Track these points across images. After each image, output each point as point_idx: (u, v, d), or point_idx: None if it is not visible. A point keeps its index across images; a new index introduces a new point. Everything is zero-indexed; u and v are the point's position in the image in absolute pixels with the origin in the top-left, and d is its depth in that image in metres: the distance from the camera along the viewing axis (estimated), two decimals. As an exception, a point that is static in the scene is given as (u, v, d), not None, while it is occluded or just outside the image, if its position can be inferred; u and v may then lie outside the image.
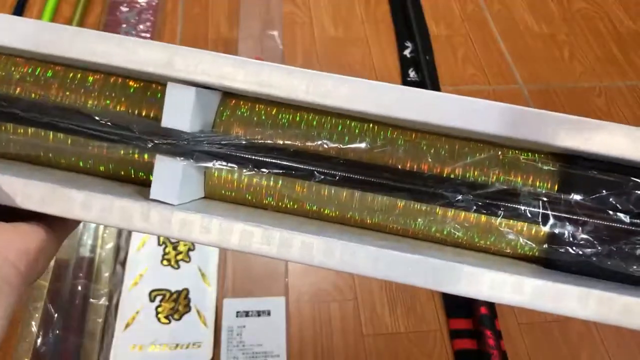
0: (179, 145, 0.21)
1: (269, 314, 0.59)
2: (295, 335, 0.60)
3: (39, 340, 0.55)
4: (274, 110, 0.24)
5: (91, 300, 0.58)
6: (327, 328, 0.61)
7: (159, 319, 0.58)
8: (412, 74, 0.86)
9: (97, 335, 0.56)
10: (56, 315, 0.56)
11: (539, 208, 0.22)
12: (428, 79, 0.84)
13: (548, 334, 0.62)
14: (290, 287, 0.63)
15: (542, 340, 0.62)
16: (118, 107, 0.24)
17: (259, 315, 0.59)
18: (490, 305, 0.62)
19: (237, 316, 0.58)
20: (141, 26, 0.84)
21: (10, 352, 0.56)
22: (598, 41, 0.95)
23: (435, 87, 0.85)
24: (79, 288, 0.58)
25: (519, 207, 0.21)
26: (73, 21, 0.86)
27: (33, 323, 0.56)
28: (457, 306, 0.63)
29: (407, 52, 0.89)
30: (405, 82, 0.85)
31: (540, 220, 0.22)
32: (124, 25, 0.84)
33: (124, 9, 0.87)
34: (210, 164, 0.22)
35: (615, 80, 0.89)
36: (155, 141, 0.21)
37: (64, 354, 0.54)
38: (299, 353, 0.59)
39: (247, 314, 0.59)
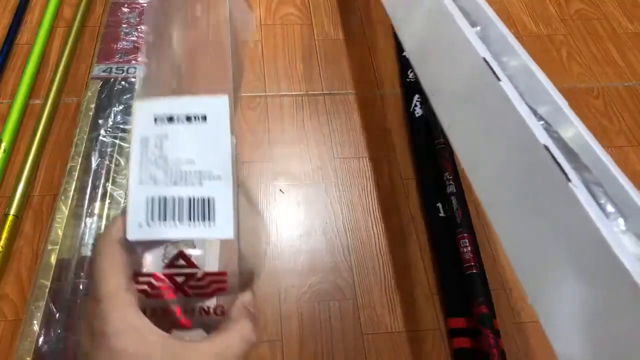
0: None
1: (204, 119, 0.35)
2: (295, 334, 0.61)
3: (40, 339, 0.55)
4: None
5: (93, 299, 0.58)
6: (327, 328, 0.61)
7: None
8: (411, 74, 0.86)
9: (99, 334, 0.56)
10: (58, 314, 0.56)
11: None
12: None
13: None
14: (291, 287, 0.64)
15: (540, 339, 0.62)
16: None
17: (188, 120, 0.34)
18: (490, 305, 0.62)
19: (155, 123, 0.34)
20: (142, 27, 0.84)
21: (12, 351, 0.56)
22: (596, 42, 0.95)
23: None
24: (81, 287, 0.58)
25: None
26: (74, 23, 0.87)
27: (35, 322, 0.56)
28: (456, 305, 0.63)
29: (406, 53, 0.89)
30: (405, 82, 0.85)
31: None
32: (125, 26, 0.85)
33: (125, 9, 0.87)
34: None
35: (613, 81, 0.90)
36: None
37: (66, 352, 0.55)
38: (299, 352, 0.59)
39: (170, 119, 0.34)
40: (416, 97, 0.83)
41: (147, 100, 0.32)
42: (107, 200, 0.64)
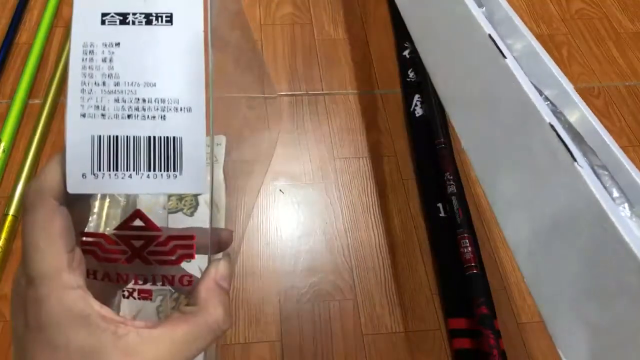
0: None
1: (169, 20, 0.21)
2: (295, 335, 0.60)
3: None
4: None
5: (92, 299, 0.57)
6: (327, 328, 0.61)
7: (160, 319, 0.58)
8: (411, 74, 0.86)
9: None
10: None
11: None
12: (428, 79, 0.84)
13: (548, 334, 0.62)
14: (290, 288, 0.64)
15: (542, 340, 0.62)
16: None
17: (148, 22, 0.21)
18: (490, 305, 0.62)
19: (103, 23, 0.21)
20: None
21: (11, 351, 0.56)
22: (597, 42, 0.95)
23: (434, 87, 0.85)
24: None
25: None
26: (74, 22, 0.87)
27: (34, 322, 0.56)
28: (456, 306, 0.63)
29: (406, 53, 0.89)
30: (405, 82, 0.85)
31: None
32: (125, 26, 0.84)
33: (124, 10, 0.87)
34: None
35: (614, 80, 0.89)
36: None
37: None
38: (299, 352, 0.59)
39: (124, 19, 0.21)
40: (416, 97, 0.83)
41: None
42: (107, 199, 0.64)
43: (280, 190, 0.72)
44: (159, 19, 0.20)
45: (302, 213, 0.70)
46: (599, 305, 0.26)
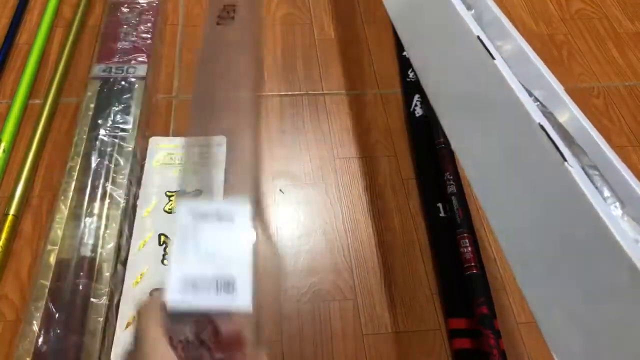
0: None
1: (231, 220, 0.36)
2: (295, 335, 0.60)
3: (40, 339, 0.55)
4: None
5: (92, 299, 0.58)
6: (327, 328, 0.61)
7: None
8: (411, 74, 0.86)
9: (98, 334, 0.56)
10: (57, 314, 0.56)
11: None
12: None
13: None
14: (291, 288, 0.64)
15: (541, 339, 0.62)
16: None
17: (219, 220, 0.35)
18: (490, 305, 0.62)
19: (193, 218, 0.34)
20: (142, 27, 0.84)
21: (11, 351, 0.56)
22: (597, 42, 0.95)
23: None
24: (80, 287, 0.58)
25: None
26: (74, 22, 0.87)
27: (34, 322, 0.56)
28: (456, 306, 0.63)
29: (406, 53, 0.89)
30: (405, 82, 0.85)
31: None
32: (125, 26, 0.84)
33: (124, 9, 0.87)
34: None
35: (613, 80, 0.89)
36: None
37: (65, 353, 0.54)
38: (299, 352, 0.59)
39: (204, 217, 0.35)
40: (416, 97, 0.83)
41: (187, 201, 0.37)
42: (107, 200, 0.64)
43: (280, 190, 0.72)
44: (225, 219, 0.35)
45: (302, 213, 0.70)
46: (590, 304, 0.26)
